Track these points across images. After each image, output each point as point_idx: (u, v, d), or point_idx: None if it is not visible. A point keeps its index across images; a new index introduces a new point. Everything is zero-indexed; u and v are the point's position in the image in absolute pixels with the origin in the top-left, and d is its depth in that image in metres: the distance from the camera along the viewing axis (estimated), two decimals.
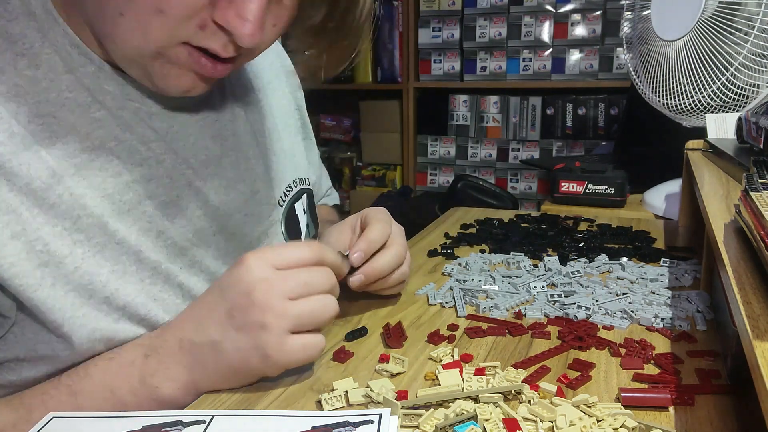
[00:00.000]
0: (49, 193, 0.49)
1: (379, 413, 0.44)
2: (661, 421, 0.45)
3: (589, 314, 0.63)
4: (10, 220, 0.47)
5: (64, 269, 0.49)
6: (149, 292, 0.54)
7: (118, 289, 0.52)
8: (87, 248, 0.51)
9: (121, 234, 0.52)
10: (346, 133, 3.14)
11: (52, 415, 0.46)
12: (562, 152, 2.68)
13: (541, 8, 2.57)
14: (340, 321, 0.65)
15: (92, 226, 0.51)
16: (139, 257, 0.53)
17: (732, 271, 0.41)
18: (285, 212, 0.71)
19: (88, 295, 0.50)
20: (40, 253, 0.48)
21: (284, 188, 0.71)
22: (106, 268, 0.51)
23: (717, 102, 0.95)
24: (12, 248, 0.47)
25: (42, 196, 0.48)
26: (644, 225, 0.99)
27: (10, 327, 0.50)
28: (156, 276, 0.55)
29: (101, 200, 0.52)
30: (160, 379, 0.50)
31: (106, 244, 0.52)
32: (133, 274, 0.53)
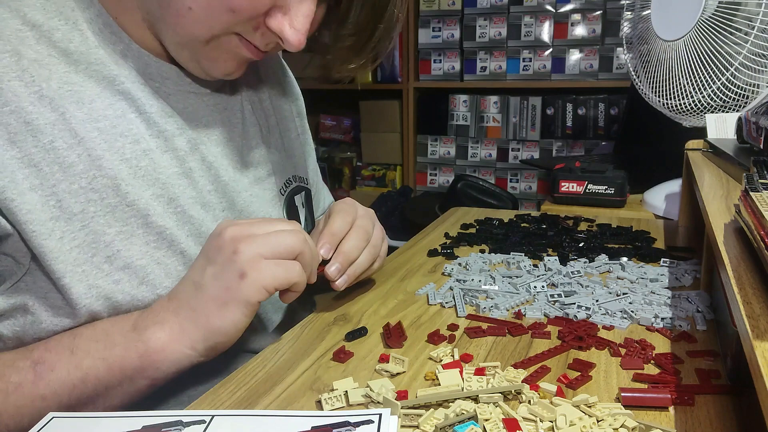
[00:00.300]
0: (69, 152, 0.53)
1: (379, 413, 0.44)
2: (661, 421, 0.45)
3: (589, 314, 0.63)
4: (31, 173, 0.51)
5: (72, 225, 0.53)
6: (153, 256, 0.57)
7: (120, 250, 0.55)
8: (98, 207, 0.54)
9: (132, 197, 0.56)
10: (346, 133, 3.14)
11: (52, 416, 0.46)
12: (562, 152, 2.68)
13: (541, 8, 2.57)
14: (340, 321, 0.65)
15: (106, 187, 0.55)
16: (146, 221, 0.57)
17: (732, 271, 0.41)
18: (285, 202, 0.74)
19: (92, 253, 0.54)
20: (53, 208, 0.52)
21: (284, 181, 0.74)
22: (115, 228, 0.55)
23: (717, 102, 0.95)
24: (29, 198, 0.51)
25: (63, 155, 0.53)
26: (644, 225, 0.99)
27: (23, 275, 0.53)
28: (161, 241, 0.58)
29: (119, 163, 0.56)
30: (148, 323, 0.53)
31: (116, 205, 0.55)
32: (139, 237, 0.56)
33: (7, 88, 0.51)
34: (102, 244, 0.54)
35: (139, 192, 0.56)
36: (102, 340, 0.53)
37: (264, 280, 0.52)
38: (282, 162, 0.75)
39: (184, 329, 0.53)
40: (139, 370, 0.52)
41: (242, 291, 0.52)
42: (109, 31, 0.58)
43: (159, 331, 0.52)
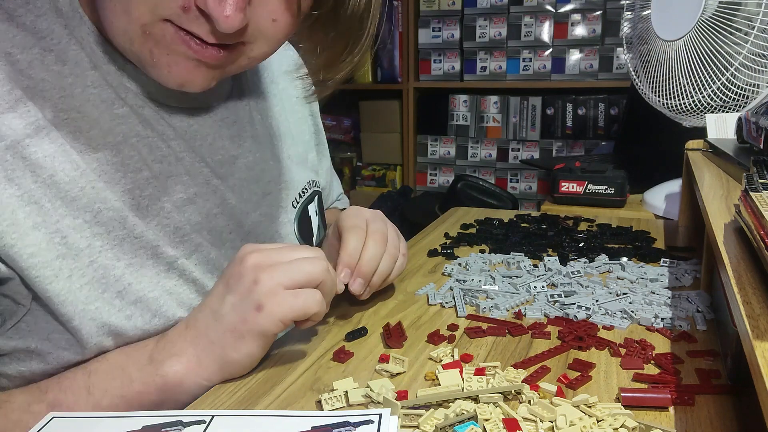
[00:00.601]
0: (71, 185, 0.50)
1: (379, 413, 0.44)
2: (661, 421, 0.45)
3: (589, 314, 0.63)
4: (32, 210, 0.48)
5: (80, 262, 0.50)
6: (164, 286, 0.55)
7: (131, 283, 0.53)
8: (105, 241, 0.52)
9: (139, 229, 0.54)
10: (346, 133, 3.14)
11: (52, 415, 0.46)
12: (562, 152, 2.68)
13: (541, 8, 2.57)
14: (340, 321, 0.65)
15: (112, 220, 0.52)
16: (156, 252, 0.55)
17: (732, 271, 0.41)
18: (299, 214, 0.72)
19: (102, 289, 0.51)
20: (58, 245, 0.49)
21: (299, 191, 0.72)
22: (123, 261, 0.53)
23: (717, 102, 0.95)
24: (33, 238, 0.48)
25: (65, 189, 0.50)
26: (644, 225, 0.99)
27: (23, 315, 0.50)
28: (172, 271, 0.56)
29: (121, 194, 0.53)
30: (165, 356, 0.51)
31: (124, 237, 0.53)
32: (149, 268, 0.54)
33: (1, 121, 0.48)
34: (112, 278, 0.52)
35: (146, 223, 0.54)
36: (119, 377, 0.51)
37: (281, 313, 0.51)
38: (296, 170, 0.73)
39: (201, 361, 0.51)
40: (157, 403, 0.52)
41: (259, 323, 0.51)
42: (102, 50, 0.53)
43: (176, 364, 0.51)
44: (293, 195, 0.71)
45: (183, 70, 0.51)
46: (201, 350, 0.51)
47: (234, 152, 0.63)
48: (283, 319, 0.51)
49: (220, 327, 0.51)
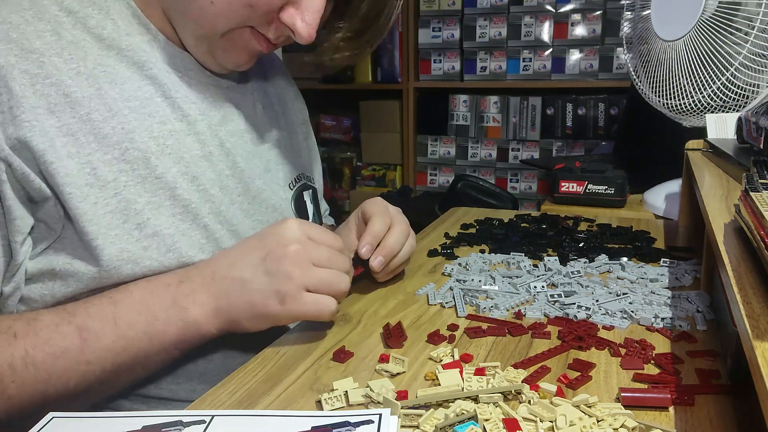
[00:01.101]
0: (104, 124, 0.57)
1: (379, 413, 0.45)
2: (661, 421, 0.45)
3: (589, 314, 0.63)
4: (68, 141, 0.55)
5: (105, 192, 0.56)
6: (179, 227, 0.60)
7: (149, 218, 0.58)
8: (130, 177, 0.58)
9: (160, 170, 0.60)
10: (346, 133, 3.14)
11: (52, 415, 0.46)
12: (562, 152, 2.68)
13: (541, 8, 2.57)
14: (340, 321, 0.65)
15: (137, 159, 0.58)
16: (173, 194, 0.60)
17: (732, 271, 0.41)
18: (294, 195, 0.77)
19: (123, 219, 0.57)
20: (88, 175, 0.56)
21: (294, 176, 0.78)
22: (144, 198, 0.58)
23: (717, 102, 0.95)
24: (67, 164, 0.55)
25: (98, 126, 0.57)
26: (644, 225, 0.99)
27: (53, 241, 0.56)
28: (186, 214, 0.61)
29: (148, 139, 0.60)
30: (189, 302, 0.56)
31: (147, 176, 0.59)
32: (167, 208, 0.60)
33: (48, 62, 0.55)
34: (133, 211, 0.57)
35: (167, 167, 0.60)
36: (143, 313, 0.55)
37: (299, 313, 0.56)
38: (291, 159, 0.78)
39: (218, 314, 0.56)
40: (175, 343, 0.57)
41: (276, 314, 0.56)
42: (138, 22, 0.62)
43: (197, 311, 0.56)
44: (289, 178, 0.77)
45: (243, 57, 0.65)
46: (221, 307, 0.56)
47: (242, 126, 0.70)
48: (299, 318, 0.58)
49: (244, 297, 0.56)
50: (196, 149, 0.64)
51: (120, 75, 0.60)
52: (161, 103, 0.62)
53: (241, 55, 0.64)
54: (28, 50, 0.55)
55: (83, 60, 0.58)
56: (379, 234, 0.69)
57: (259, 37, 0.62)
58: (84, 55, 0.58)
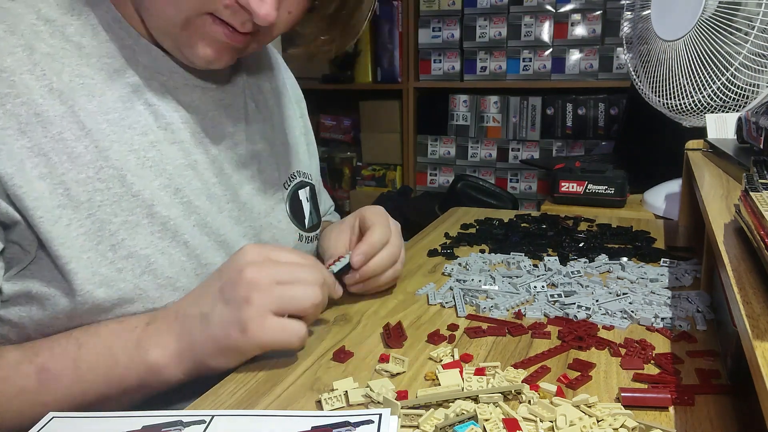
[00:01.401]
0: (77, 143, 0.55)
1: (379, 413, 0.45)
2: (661, 421, 0.45)
3: (589, 314, 0.63)
4: (40, 162, 0.53)
5: (79, 213, 0.54)
6: (157, 246, 0.58)
7: (125, 239, 0.56)
8: (105, 197, 0.56)
9: (137, 187, 0.58)
10: (346, 133, 3.14)
11: (52, 415, 0.46)
12: (562, 152, 2.68)
13: (541, 8, 2.57)
14: (340, 321, 0.65)
15: (112, 178, 0.56)
16: (151, 211, 0.58)
17: (732, 271, 0.41)
18: (289, 195, 0.75)
19: (97, 241, 0.55)
20: (61, 196, 0.53)
21: (289, 175, 0.76)
22: (120, 217, 0.56)
23: (717, 102, 0.95)
24: (38, 186, 0.53)
25: (71, 145, 0.55)
26: (644, 225, 0.99)
27: (29, 263, 0.54)
28: (165, 231, 0.59)
29: (127, 154, 0.58)
30: (151, 344, 0.54)
31: (122, 195, 0.57)
32: (144, 227, 0.58)
33: (19, 81, 0.53)
34: (107, 232, 0.55)
35: (146, 182, 0.58)
36: (105, 356, 0.54)
37: (262, 340, 0.53)
38: (285, 157, 0.76)
39: (182, 358, 0.54)
40: (136, 388, 0.54)
41: (239, 344, 0.53)
42: (118, 26, 0.60)
43: (159, 355, 0.54)
44: (284, 177, 0.75)
45: (214, 52, 0.59)
46: (183, 348, 0.54)
47: (230, 129, 0.68)
48: (263, 346, 0.53)
49: (205, 333, 0.53)
50: (180, 158, 0.61)
51: (99, 86, 0.57)
52: (143, 112, 0.60)
53: (207, 48, 0.58)
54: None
55: (58, 74, 0.55)
56: (375, 246, 0.68)
57: (222, 25, 0.57)
58: (60, 68, 0.55)
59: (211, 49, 0.59)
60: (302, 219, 0.76)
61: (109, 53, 0.59)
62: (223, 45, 0.59)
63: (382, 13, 2.79)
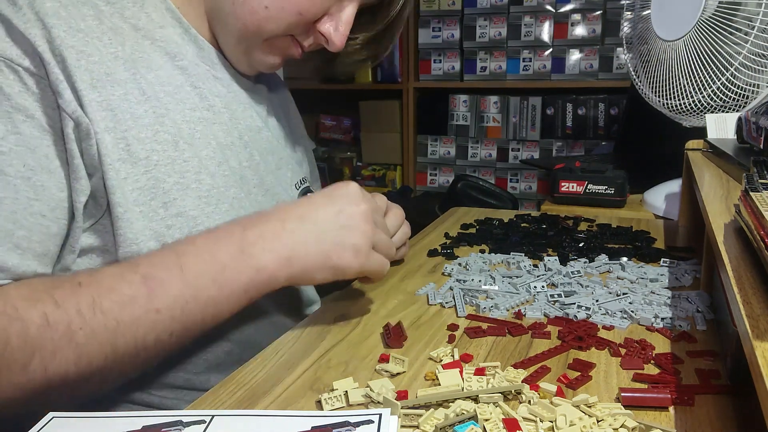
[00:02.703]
0: (138, 106, 0.60)
1: (379, 413, 0.45)
2: (661, 421, 0.45)
3: (589, 314, 0.63)
4: (107, 115, 0.57)
5: (137, 169, 0.58)
6: (203, 210, 0.63)
7: (176, 198, 0.61)
8: (160, 157, 0.60)
9: (188, 154, 0.63)
10: (346, 133, 3.14)
11: (52, 415, 0.46)
12: (562, 152, 2.68)
13: (541, 8, 2.57)
14: (340, 321, 0.65)
15: (167, 142, 0.61)
16: (199, 177, 0.63)
17: (732, 271, 0.41)
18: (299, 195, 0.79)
19: (151, 197, 0.59)
20: (122, 150, 0.58)
21: (299, 179, 0.81)
22: (173, 178, 0.61)
23: (717, 102, 0.95)
24: (105, 137, 0.57)
25: (134, 107, 0.59)
26: (644, 225, 0.99)
27: (100, 217, 0.58)
28: (210, 197, 0.64)
29: (180, 123, 0.63)
30: (260, 249, 0.57)
31: (176, 159, 0.61)
32: (193, 190, 0.62)
33: (91, 43, 0.58)
34: (161, 190, 0.60)
35: (196, 151, 0.63)
36: (210, 261, 0.55)
37: (365, 267, 0.59)
38: (296, 162, 0.83)
39: (291, 263, 0.57)
40: (245, 290, 0.57)
41: (348, 265, 0.59)
42: (171, 15, 0.66)
43: (269, 260, 0.57)
44: (295, 179, 0.80)
45: (277, 61, 0.70)
46: (295, 255, 0.57)
47: (259, 124, 0.74)
48: (364, 272, 0.60)
49: (318, 246, 0.58)
50: (222, 137, 0.67)
51: (155, 61, 0.63)
52: (190, 92, 0.65)
53: (275, 59, 0.69)
54: (75, 29, 0.57)
55: (122, 45, 0.61)
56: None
57: (296, 44, 0.68)
58: (122, 40, 0.61)
59: (278, 59, 0.70)
60: None
61: (162, 37, 0.65)
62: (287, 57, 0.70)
63: None
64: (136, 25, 0.63)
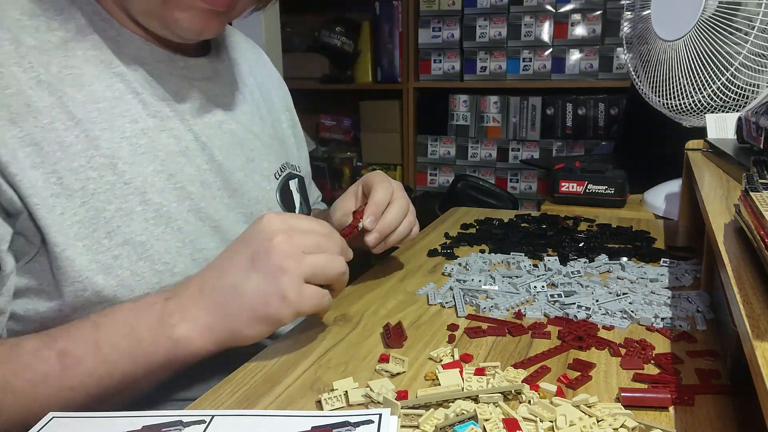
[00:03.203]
0: (67, 133, 0.55)
1: (379, 413, 0.44)
2: (661, 421, 0.45)
3: (589, 314, 0.63)
4: (32, 151, 0.53)
5: (73, 202, 0.55)
6: (152, 232, 0.59)
7: (120, 226, 0.57)
8: (98, 185, 0.56)
9: (129, 175, 0.58)
10: (346, 133, 3.14)
11: (52, 415, 0.46)
12: (562, 152, 2.68)
13: (541, 8, 2.57)
14: (340, 321, 0.65)
15: (104, 166, 0.57)
16: (144, 198, 0.59)
17: (732, 271, 0.41)
18: (280, 185, 0.75)
19: (92, 228, 0.55)
20: (54, 185, 0.54)
21: (278, 166, 0.76)
22: (114, 204, 0.57)
23: (717, 102, 0.95)
24: (31, 175, 0.53)
25: (62, 135, 0.55)
26: (644, 225, 0.99)
27: (35, 255, 0.55)
28: (159, 217, 0.59)
29: (119, 141, 0.58)
30: (177, 319, 0.53)
31: (115, 183, 0.57)
32: (138, 214, 0.58)
33: (8, 72, 0.54)
34: (102, 220, 0.56)
35: (139, 169, 0.59)
36: (128, 335, 0.53)
37: (301, 307, 0.53)
38: (275, 148, 0.77)
39: (212, 329, 0.53)
40: (164, 364, 0.54)
41: (280, 312, 0.53)
42: (99, 18, 0.61)
43: (187, 329, 0.53)
44: (274, 168, 0.75)
45: (200, 21, 0.60)
46: (215, 319, 0.53)
47: (219, 118, 0.69)
48: (301, 313, 0.54)
49: (240, 303, 0.53)
50: (172, 145, 0.62)
51: (87, 76, 0.58)
52: (131, 101, 0.60)
53: (194, 20, 0.60)
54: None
55: (46, 66, 0.56)
56: (381, 204, 0.70)
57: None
58: (47, 60, 0.56)
59: (198, 18, 0.60)
60: (293, 209, 0.76)
61: (94, 45, 0.60)
62: (206, 12, 0.60)
63: (382, 13, 2.80)
64: (64, 37, 0.58)
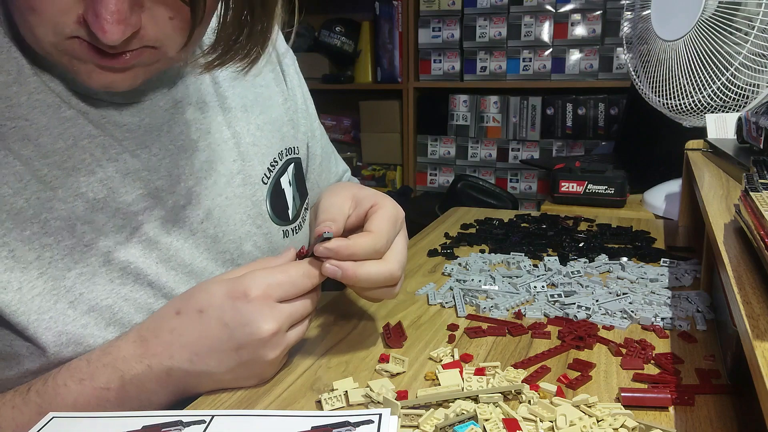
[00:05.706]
0: (16, 198, 0.49)
1: (379, 413, 0.44)
2: (661, 421, 0.45)
3: (589, 314, 0.63)
4: None
5: (29, 274, 0.49)
6: (119, 293, 0.54)
7: (83, 293, 0.52)
8: (55, 251, 0.51)
9: (89, 236, 0.52)
10: (346, 133, 3.14)
11: (52, 415, 0.46)
12: (562, 152, 2.68)
13: (541, 8, 2.57)
14: (340, 321, 0.65)
15: (60, 229, 0.51)
16: (107, 258, 0.53)
17: (732, 271, 0.41)
18: (270, 189, 0.68)
19: (54, 300, 0.50)
20: (6, 259, 0.48)
21: (269, 164, 0.68)
22: (74, 271, 0.51)
23: (717, 102, 0.95)
24: None
25: (9, 201, 0.49)
26: (644, 225, 0.99)
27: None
28: (125, 276, 0.54)
29: (73, 199, 0.51)
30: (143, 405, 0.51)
31: (74, 246, 0.52)
32: (102, 276, 0.53)
33: None
34: (63, 289, 0.51)
35: (98, 228, 0.53)
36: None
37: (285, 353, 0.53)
38: (262, 144, 0.68)
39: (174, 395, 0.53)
40: None
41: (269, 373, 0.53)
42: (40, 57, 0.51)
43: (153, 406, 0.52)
44: (262, 171, 0.67)
45: (102, 77, 0.49)
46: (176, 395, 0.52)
47: (193, 136, 0.61)
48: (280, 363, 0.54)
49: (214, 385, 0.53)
50: (138, 189, 0.55)
51: (35, 126, 0.50)
52: (88, 147, 0.52)
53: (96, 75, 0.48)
54: None
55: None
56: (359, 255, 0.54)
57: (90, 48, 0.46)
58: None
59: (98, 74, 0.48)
60: (285, 211, 0.69)
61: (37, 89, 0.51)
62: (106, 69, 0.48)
63: (382, 13, 2.80)
64: (5, 81, 0.49)
